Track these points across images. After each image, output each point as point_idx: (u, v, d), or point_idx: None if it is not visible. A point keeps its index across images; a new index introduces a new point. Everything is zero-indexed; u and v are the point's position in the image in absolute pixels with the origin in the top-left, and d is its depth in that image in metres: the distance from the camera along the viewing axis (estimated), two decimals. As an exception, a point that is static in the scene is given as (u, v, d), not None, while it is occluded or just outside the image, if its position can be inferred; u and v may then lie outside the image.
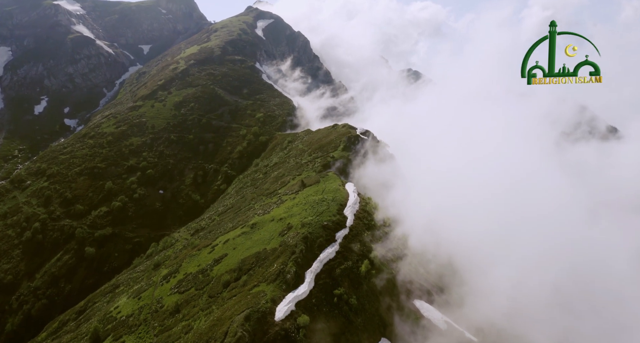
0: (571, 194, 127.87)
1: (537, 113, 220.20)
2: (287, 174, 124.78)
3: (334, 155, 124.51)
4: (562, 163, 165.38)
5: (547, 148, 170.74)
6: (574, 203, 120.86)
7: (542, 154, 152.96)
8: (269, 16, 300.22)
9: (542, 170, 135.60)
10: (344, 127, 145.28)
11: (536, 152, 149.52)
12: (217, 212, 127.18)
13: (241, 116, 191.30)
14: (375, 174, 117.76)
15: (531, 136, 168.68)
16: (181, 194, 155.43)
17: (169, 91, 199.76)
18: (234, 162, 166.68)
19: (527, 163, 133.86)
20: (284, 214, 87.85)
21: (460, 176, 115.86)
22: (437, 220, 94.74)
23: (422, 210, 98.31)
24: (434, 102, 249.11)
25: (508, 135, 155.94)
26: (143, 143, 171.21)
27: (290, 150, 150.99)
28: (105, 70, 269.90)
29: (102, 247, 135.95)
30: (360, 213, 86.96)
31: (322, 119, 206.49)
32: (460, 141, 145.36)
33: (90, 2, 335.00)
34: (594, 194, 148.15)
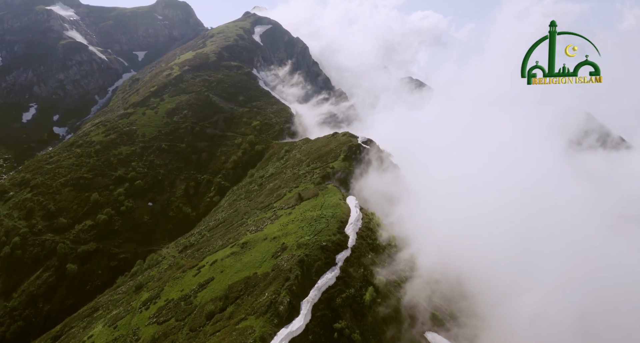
0: (590, 207, 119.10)
1: (544, 121, 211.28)
2: (283, 186, 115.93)
3: (334, 166, 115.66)
4: (575, 173, 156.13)
5: (558, 157, 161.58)
6: (594, 217, 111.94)
7: (555, 164, 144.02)
8: (266, 22, 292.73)
9: (558, 180, 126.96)
10: (345, 135, 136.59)
11: (550, 162, 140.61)
12: (207, 227, 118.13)
13: (236, 124, 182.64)
14: (378, 186, 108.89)
15: (542, 145, 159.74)
16: (171, 207, 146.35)
17: (161, 98, 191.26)
18: (228, 173, 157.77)
19: (542, 174, 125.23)
20: (278, 232, 78.79)
21: (471, 188, 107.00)
22: (448, 237, 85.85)
23: (431, 226, 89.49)
24: (439, 110, 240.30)
25: (518, 145, 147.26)
26: (132, 152, 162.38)
27: (288, 160, 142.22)
28: (98, 77, 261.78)
29: (85, 264, 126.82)
30: (363, 232, 77.88)
31: (321, 127, 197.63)
32: (469, 151, 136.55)
33: (84, 7, 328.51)
34: (611, 206, 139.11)
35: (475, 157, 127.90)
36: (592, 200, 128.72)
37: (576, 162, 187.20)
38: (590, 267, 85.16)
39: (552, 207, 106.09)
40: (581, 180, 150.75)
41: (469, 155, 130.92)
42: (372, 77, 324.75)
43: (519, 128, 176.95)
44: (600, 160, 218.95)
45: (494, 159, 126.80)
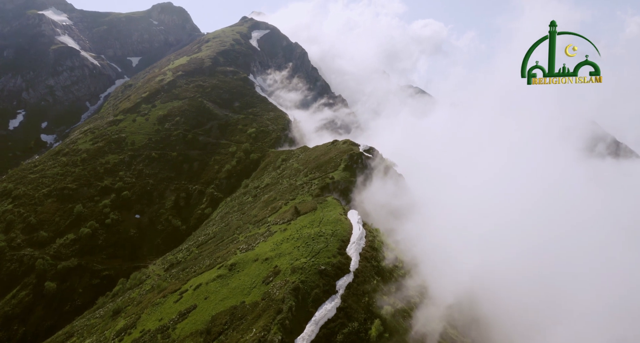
0: (606, 215, 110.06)
1: (553, 130, 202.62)
2: (279, 198, 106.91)
3: (334, 176, 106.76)
4: (589, 181, 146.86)
5: (571, 166, 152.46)
6: (611, 225, 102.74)
7: (569, 173, 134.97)
8: (264, 27, 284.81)
9: (574, 190, 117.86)
10: (345, 143, 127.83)
11: (563, 171, 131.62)
12: (197, 242, 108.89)
13: (231, 131, 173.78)
14: (382, 199, 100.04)
15: (554, 154, 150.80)
16: (160, 219, 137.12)
17: (153, 104, 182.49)
18: (222, 183, 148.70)
19: (556, 183, 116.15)
20: (270, 253, 69.63)
21: (484, 199, 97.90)
22: (461, 255, 76.78)
23: (442, 243, 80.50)
24: (445, 118, 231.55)
25: (529, 154, 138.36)
26: (120, 161, 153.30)
27: (284, 170, 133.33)
28: (90, 83, 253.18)
29: (65, 282, 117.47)
30: (367, 252, 68.73)
31: (320, 134, 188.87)
32: (478, 161, 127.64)
33: (78, 12, 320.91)
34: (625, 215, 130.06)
35: (485, 168, 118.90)
36: (608, 208, 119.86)
37: (588, 170, 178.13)
38: (619, 283, 76.00)
39: (569, 217, 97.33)
40: (596, 188, 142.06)
41: (478, 165, 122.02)
42: (372, 83, 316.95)
43: (528, 137, 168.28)
44: (610, 168, 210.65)
45: (505, 169, 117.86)
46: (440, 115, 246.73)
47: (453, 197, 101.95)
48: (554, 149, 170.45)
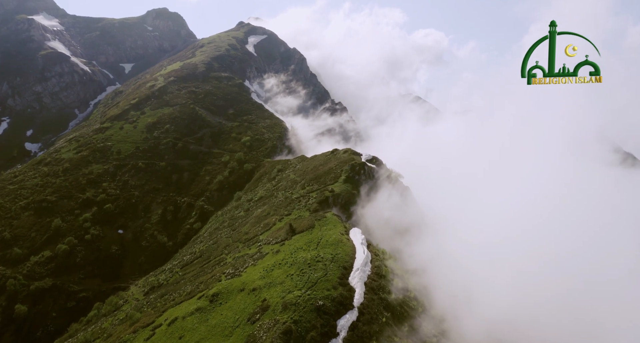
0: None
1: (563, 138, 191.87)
2: (273, 213, 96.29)
3: (334, 189, 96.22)
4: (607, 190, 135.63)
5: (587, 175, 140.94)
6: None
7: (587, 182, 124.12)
8: (261, 32, 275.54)
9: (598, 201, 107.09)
10: (346, 152, 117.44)
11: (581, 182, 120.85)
12: (181, 262, 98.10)
13: (224, 140, 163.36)
14: (388, 214, 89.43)
15: (569, 164, 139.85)
16: (145, 235, 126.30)
17: (142, 111, 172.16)
18: (212, 195, 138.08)
19: (577, 196, 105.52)
20: (259, 281, 58.94)
21: (502, 216, 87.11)
22: (486, 283, 66.03)
23: (459, 267, 69.86)
24: (451, 127, 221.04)
25: (544, 165, 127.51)
26: (104, 171, 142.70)
27: (280, 181, 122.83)
28: (79, 90, 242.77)
29: (38, 304, 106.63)
30: (373, 281, 58.00)
31: (319, 143, 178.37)
32: (493, 172, 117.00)
33: (70, 18, 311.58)
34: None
35: (503, 179, 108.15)
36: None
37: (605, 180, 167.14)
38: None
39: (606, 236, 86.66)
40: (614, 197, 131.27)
41: (496, 176, 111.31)
42: (373, 90, 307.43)
43: (545, 147, 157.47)
44: (622, 178, 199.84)
45: (527, 181, 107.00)
46: (448, 124, 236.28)
47: (469, 212, 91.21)
48: (575, 159, 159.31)
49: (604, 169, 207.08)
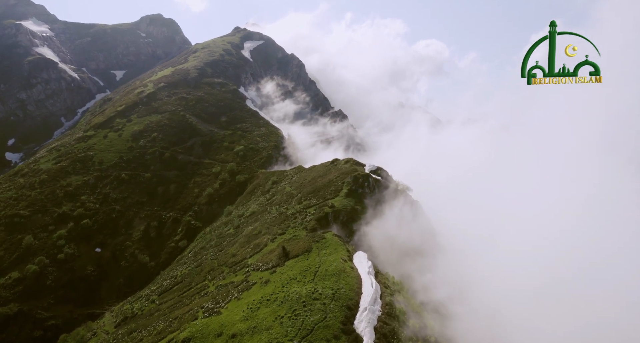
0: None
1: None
2: (264, 232, 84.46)
3: (334, 204, 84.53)
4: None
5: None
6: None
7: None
8: (258, 37, 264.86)
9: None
10: (348, 163, 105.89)
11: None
12: (160, 288, 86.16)
13: (216, 149, 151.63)
14: (396, 233, 77.66)
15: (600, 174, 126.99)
16: (125, 254, 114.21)
17: (128, 118, 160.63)
18: (201, 209, 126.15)
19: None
20: (241, 324, 47.07)
21: (531, 237, 75.25)
22: (514, 320, 54.21)
23: (482, 298, 58.05)
24: (462, 137, 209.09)
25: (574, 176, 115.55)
26: (84, 183, 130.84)
27: (274, 195, 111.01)
28: (66, 97, 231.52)
29: (1, 334, 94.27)
30: (385, 325, 46.01)
31: (318, 152, 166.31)
32: (512, 183, 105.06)
33: (61, 23, 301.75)
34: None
35: (529, 192, 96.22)
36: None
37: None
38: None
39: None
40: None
41: (520, 189, 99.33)
42: (375, 98, 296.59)
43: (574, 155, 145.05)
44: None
45: (558, 195, 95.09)
46: (458, 133, 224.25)
47: (493, 230, 79.40)
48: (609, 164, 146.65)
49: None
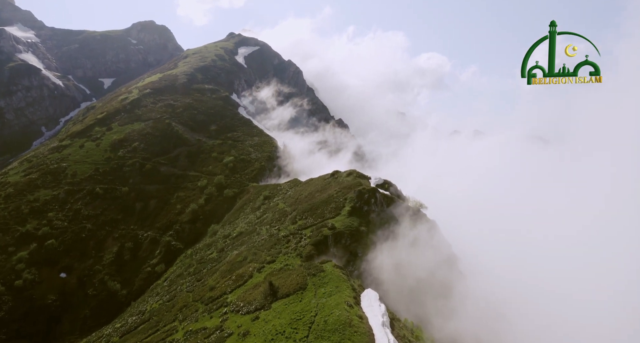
0: None
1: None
2: (251, 258, 69.86)
3: (335, 225, 70.23)
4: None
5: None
6: None
7: None
8: (253, 43, 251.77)
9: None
10: (350, 175, 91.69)
11: None
12: (123, 326, 71.36)
13: (203, 160, 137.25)
14: (410, 262, 63.26)
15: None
16: (93, 280, 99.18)
17: (108, 127, 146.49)
18: (183, 229, 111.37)
19: None
20: None
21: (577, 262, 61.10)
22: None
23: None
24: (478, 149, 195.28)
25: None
26: (53, 198, 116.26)
27: (266, 212, 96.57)
28: (48, 105, 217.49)
29: (-62, 378, 79.58)
30: None
31: (316, 163, 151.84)
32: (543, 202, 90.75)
33: (48, 30, 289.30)
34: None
35: (570, 214, 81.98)
36: None
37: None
38: None
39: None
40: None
41: (558, 211, 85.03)
42: (377, 107, 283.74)
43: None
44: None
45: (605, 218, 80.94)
46: (470, 143, 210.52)
47: (527, 258, 65.10)
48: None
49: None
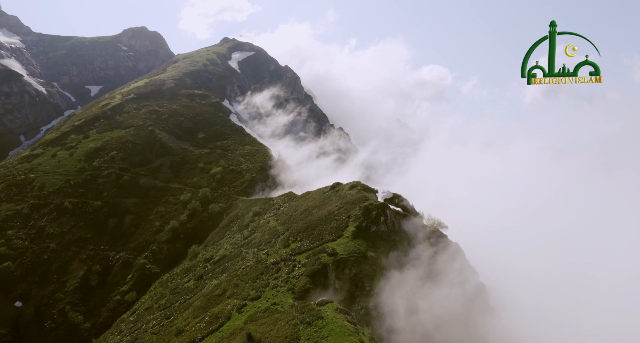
0: None
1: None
2: (230, 291, 55.93)
3: (336, 250, 56.56)
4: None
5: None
6: None
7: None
8: (248, 48, 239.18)
9: None
10: (354, 188, 77.93)
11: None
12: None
13: (188, 171, 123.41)
14: (430, 297, 49.36)
15: None
16: (53, 310, 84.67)
17: (85, 134, 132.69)
18: (161, 249, 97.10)
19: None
20: None
21: None
22: None
23: None
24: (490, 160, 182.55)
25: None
26: (15, 213, 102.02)
27: (255, 231, 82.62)
28: (28, 113, 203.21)
29: None
30: None
31: (313, 175, 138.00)
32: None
33: (35, 35, 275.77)
34: None
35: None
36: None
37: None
38: None
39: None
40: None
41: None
42: (378, 116, 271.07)
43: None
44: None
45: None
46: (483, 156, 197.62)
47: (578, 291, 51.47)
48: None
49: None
